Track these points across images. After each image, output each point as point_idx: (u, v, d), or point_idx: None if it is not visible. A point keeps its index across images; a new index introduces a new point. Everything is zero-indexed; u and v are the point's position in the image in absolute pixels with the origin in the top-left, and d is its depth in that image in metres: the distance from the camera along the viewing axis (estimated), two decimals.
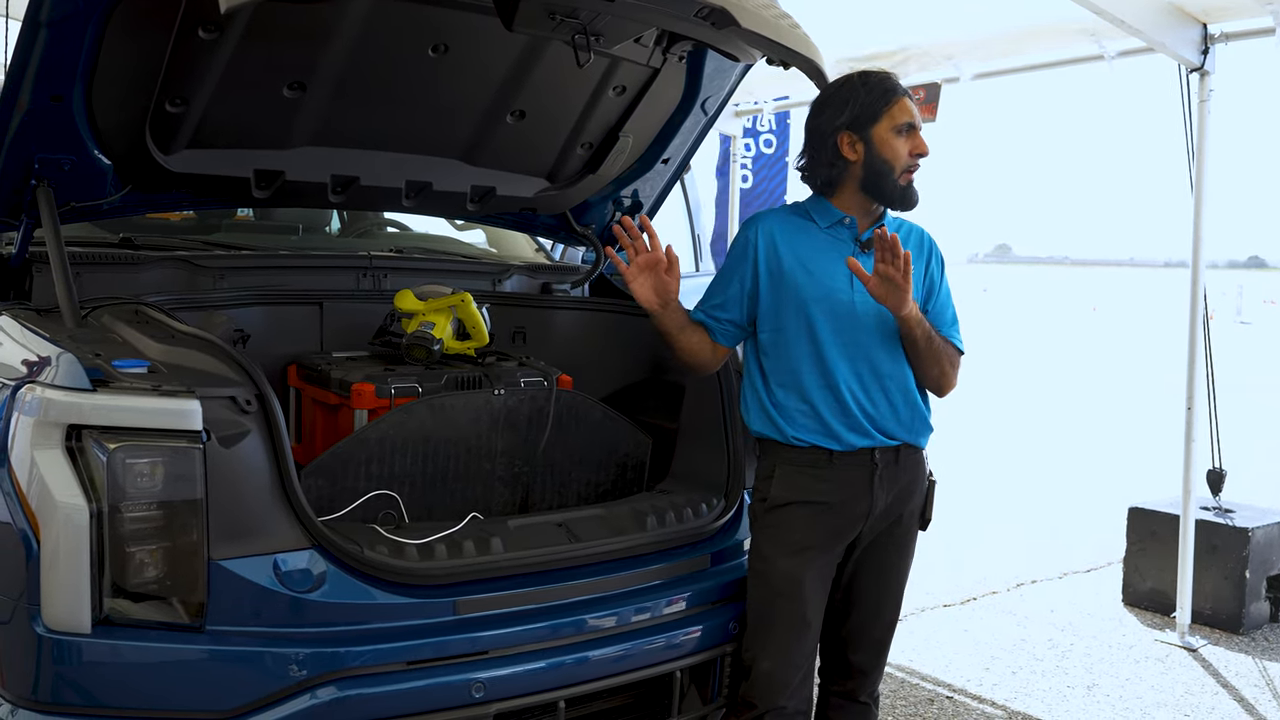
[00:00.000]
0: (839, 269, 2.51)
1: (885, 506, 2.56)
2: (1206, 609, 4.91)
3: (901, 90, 2.53)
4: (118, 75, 2.41)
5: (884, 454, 2.53)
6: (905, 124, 2.50)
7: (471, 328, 2.99)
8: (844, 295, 2.50)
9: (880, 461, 2.53)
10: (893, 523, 2.60)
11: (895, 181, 2.51)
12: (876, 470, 2.52)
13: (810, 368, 2.51)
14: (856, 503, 2.53)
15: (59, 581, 1.94)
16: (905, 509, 2.61)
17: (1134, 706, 4.05)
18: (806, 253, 2.53)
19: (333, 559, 2.16)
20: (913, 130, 2.51)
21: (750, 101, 7.05)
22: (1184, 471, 4.74)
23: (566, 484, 2.87)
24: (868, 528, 2.56)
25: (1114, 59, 5.01)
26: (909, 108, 2.52)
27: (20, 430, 2.01)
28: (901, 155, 2.50)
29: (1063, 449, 9.74)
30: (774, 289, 2.55)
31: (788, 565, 2.52)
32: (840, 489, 2.52)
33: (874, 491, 2.53)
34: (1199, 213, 4.63)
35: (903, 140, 2.50)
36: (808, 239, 2.56)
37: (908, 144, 2.50)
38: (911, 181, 2.53)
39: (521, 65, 2.93)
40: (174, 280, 2.96)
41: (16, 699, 1.99)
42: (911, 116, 2.51)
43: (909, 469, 2.59)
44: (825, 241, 2.55)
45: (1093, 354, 19.89)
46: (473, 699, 2.21)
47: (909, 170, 2.51)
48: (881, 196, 2.53)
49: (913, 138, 2.51)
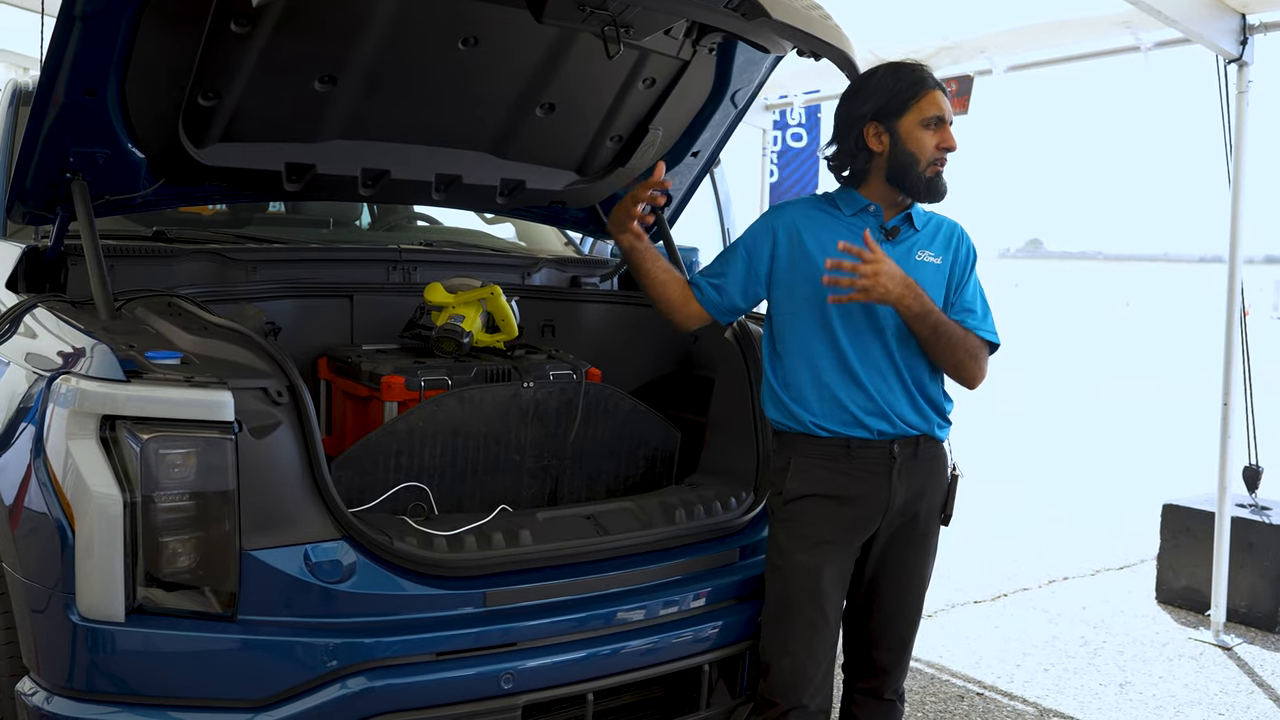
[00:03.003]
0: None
1: (904, 500, 2.53)
2: (1242, 607, 4.85)
3: (932, 83, 2.50)
4: (151, 69, 2.43)
5: (903, 446, 2.51)
6: (934, 117, 2.47)
7: (501, 320, 3.00)
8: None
9: (899, 454, 2.50)
10: (913, 518, 2.57)
11: (920, 174, 2.48)
12: (895, 463, 2.50)
13: (827, 351, 2.50)
14: (875, 496, 2.50)
15: (93, 571, 1.96)
16: (925, 504, 2.58)
17: (1167, 705, 4.01)
18: (827, 240, 2.52)
19: (363, 550, 2.17)
20: (941, 124, 2.49)
21: (778, 95, 7.01)
22: (1219, 468, 4.68)
23: (595, 477, 2.87)
24: (886, 522, 2.53)
25: (1150, 50, 4.94)
26: (938, 101, 2.49)
27: (55, 421, 2.03)
28: (927, 148, 2.47)
29: (1097, 445, 9.64)
30: (792, 274, 2.53)
31: (805, 560, 2.50)
32: (858, 482, 2.49)
33: (892, 485, 2.50)
34: (1236, 207, 4.56)
35: (930, 134, 2.47)
36: (830, 227, 2.55)
37: (935, 137, 2.48)
38: (939, 174, 2.50)
39: (551, 58, 2.93)
40: (207, 273, 2.98)
41: (52, 686, 2.02)
42: (940, 110, 2.48)
43: (928, 462, 2.56)
44: (847, 229, 2.53)
45: (1127, 350, 19.70)
46: (501, 690, 2.22)
47: (935, 164, 2.49)
48: (906, 188, 2.51)
49: (940, 131, 2.48)
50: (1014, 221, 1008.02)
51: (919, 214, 2.58)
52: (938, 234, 2.59)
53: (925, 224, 2.59)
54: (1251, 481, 5.03)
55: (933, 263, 2.54)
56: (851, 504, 2.50)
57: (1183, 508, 5.12)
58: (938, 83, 2.52)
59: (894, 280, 2.37)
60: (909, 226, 2.56)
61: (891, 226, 2.53)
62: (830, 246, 2.50)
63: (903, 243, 2.54)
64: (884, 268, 2.35)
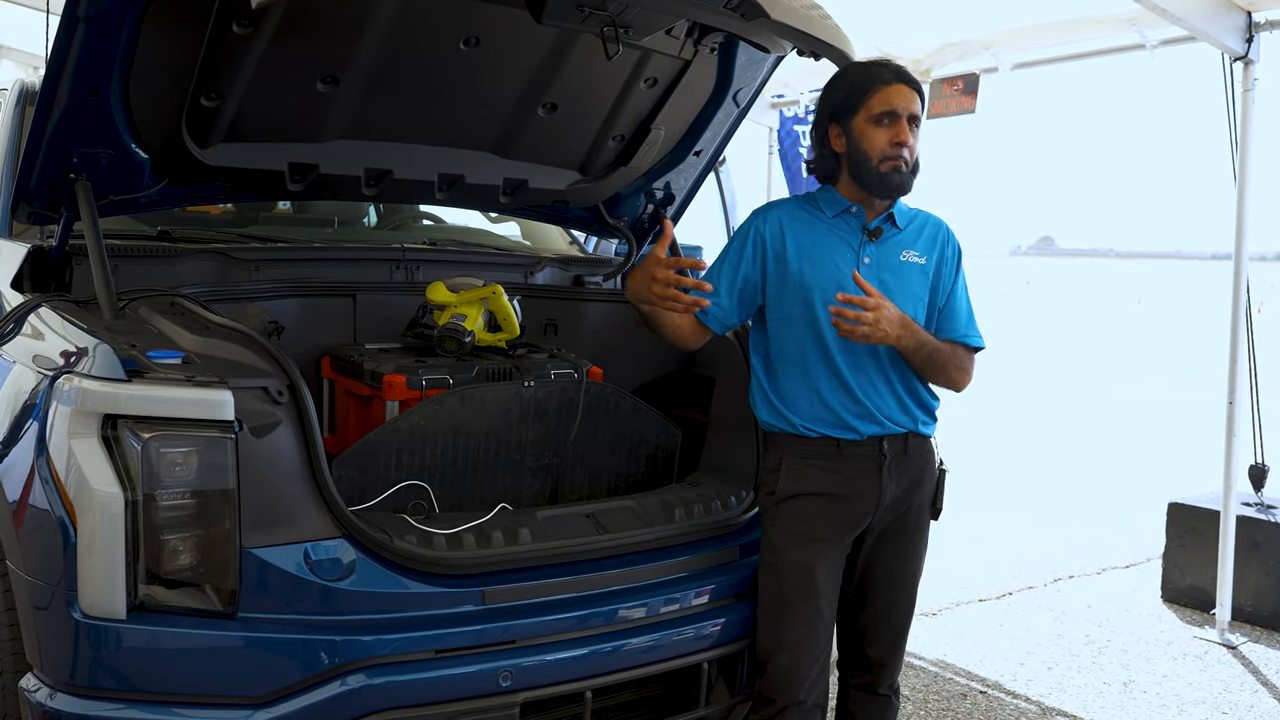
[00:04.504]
0: (842, 257, 2.50)
1: (895, 497, 2.55)
2: (1247, 606, 4.84)
3: (887, 78, 2.47)
4: (154, 70, 2.45)
5: (893, 444, 2.52)
6: (883, 113, 2.45)
7: (503, 320, 3.01)
8: (845, 283, 2.47)
9: (889, 451, 2.52)
10: (903, 513, 2.59)
11: (875, 170, 2.47)
12: (885, 460, 2.51)
13: (815, 355, 2.50)
14: (866, 493, 2.51)
15: (95, 568, 1.98)
16: (915, 499, 2.60)
17: (1171, 704, 4.00)
18: (810, 241, 2.53)
19: (362, 548, 2.18)
20: (894, 119, 2.45)
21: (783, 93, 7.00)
22: (1225, 466, 4.66)
23: (596, 475, 2.88)
24: (878, 518, 2.55)
25: (1155, 48, 4.93)
26: (889, 96, 2.45)
27: (58, 420, 2.05)
28: (878, 145, 2.45)
29: (1103, 443, 9.62)
30: (780, 277, 2.54)
31: (798, 557, 2.51)
32: (849, 480, 2.51)
33: (883, 481, 2.51)
34: (1242, 204, 4.55)
35: (881, 130, 2.45)
36: (813, 228, 2.55)
37: (886, 133, 2.45)
38: (896, 169, 2.46)
39: (552, 58, 2.93)
40: (210, 272, 3.00)
41: (55, 683, 2.04)
42: (889, 105, 2.45)
43: (918, 458, 2.58)
44: (830, 230, 2.54)
45: (1136, 347, 19.63)
46: (500, 688, 2.24)
47: (889, 159, 2.45)
48: (866, 186, 2.50)
49: (893, 127, 2.45)
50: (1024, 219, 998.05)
51: (902, 212, 2.58)
52: (922, 232, 2.59)
53: (909, 222, 2.58)
54: (1257, 480, 5.02)
55: (918, 263, 2.55)
56: (843, 501, 2.51)
57: (1188, 506, 5.11)
58: (900, 76, 2.48)
59: (892, 324, 2.39)
60: (891, 226, 2.55)
61: (874, 227, 2.53)
62: (811, 248, 2.51)
63: (886, 243, 2.54)
64: (883, 314, 2.37)
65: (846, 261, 2.50)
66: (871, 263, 2.52)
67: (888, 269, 2.51)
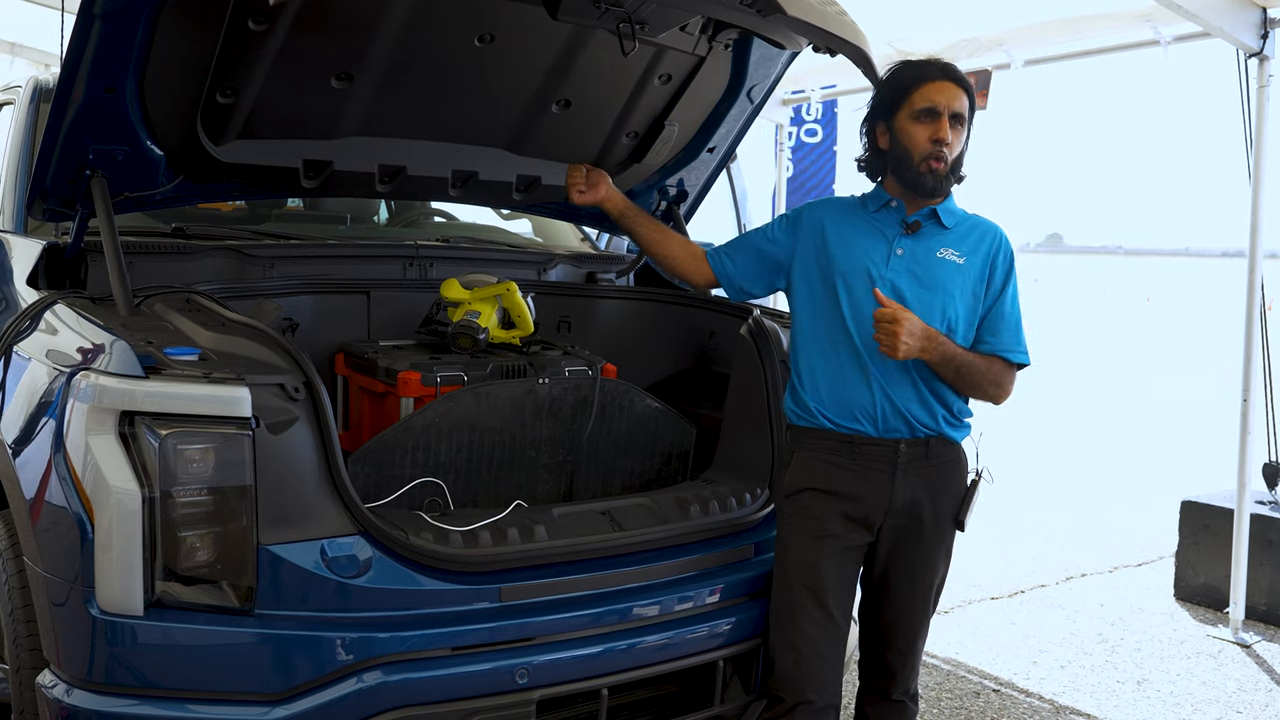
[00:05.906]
0: (874, 246, 2.49)
1: (908, 500, 2.49)
2: (1261, 604, 4.82)
3: (932, 74, 2.45)
4: (170, 67, 2.45)
5: (911, 446, 2.47)
6: (923, 109, 2.43)
7: (517, 316, 3.01)
8: (876, 271, 2.46)
9: (905, 454, 2.47)
10: (921, 520, 2.52)
11: (915, 169, 2.45)
12: (899, 462, 2.46)
13: (844, 344, 2.48)
14: (875, 494, 2.47)
15: (112, 565, 1.98)
16: (935, 506, 2.52)
17: (1184, 702, 3.99)
18: (848, 231, 2.53)
19: (378, 545, 2.18)
20: (935, 116, 2.43)
21: (794, 90, 6.99)
22: (1239, 465, 4.64)
23: (611, 473, 2.88)
24: (889, 522, 2.50)
25: (1170, 44, 4.90)
26: (929, 93, 2.43)
27: (75, 416, 2.05)
28: (919, 142, 2.43)
29: (1115, 441, 9.59)
30: (813, 266, 2.54)
31: (802, 554, 2.49)
32: (859, 479, 2.47)
33: (894, 484, 2.46)
34: (1257, 201, 4.53)
35: (922, 127, 2.43)
36: (854, 219, 2.55)
37: (927, 130, 2.43)
38: (932, 170, 2.44)
39: (567, 54, 2.93)
40: (225, 269, 3.00)
41: (72, 679, 2.04)
42: (930, 101, 2.43)
43: (941, 465, 2.52)
44: (869, 222, 2.53)
45: (1147, 345, 19.57)
46: (516, 685, 2.23)
47: (930, 158, 2.43)
48: (906, 185, 2.49)
49: (933, 123, 2.43)
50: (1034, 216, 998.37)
51: (953, 212, 2.53)
52: (969, 235, 2.53)
53: (958, 224, 2.53)
54: (1271, 478, 5.00)
55: (953, 261, 2.49)
56: (849, 500, 2.48)
57: (1202, 504, 5.09)
58: (946, 73, 2.46)
59: (914, 337, 2.35)
60: (935, 224, 2.51)
61: (913, 221, 2.50)
62: (849, 237, 2.51)
63: (924, 238, 2.50)
64: (903, 328, 2.34)
65: (879, 251, 2.48)
66: (904, 254, 2.48)
67: (919, 262, 2.47)
